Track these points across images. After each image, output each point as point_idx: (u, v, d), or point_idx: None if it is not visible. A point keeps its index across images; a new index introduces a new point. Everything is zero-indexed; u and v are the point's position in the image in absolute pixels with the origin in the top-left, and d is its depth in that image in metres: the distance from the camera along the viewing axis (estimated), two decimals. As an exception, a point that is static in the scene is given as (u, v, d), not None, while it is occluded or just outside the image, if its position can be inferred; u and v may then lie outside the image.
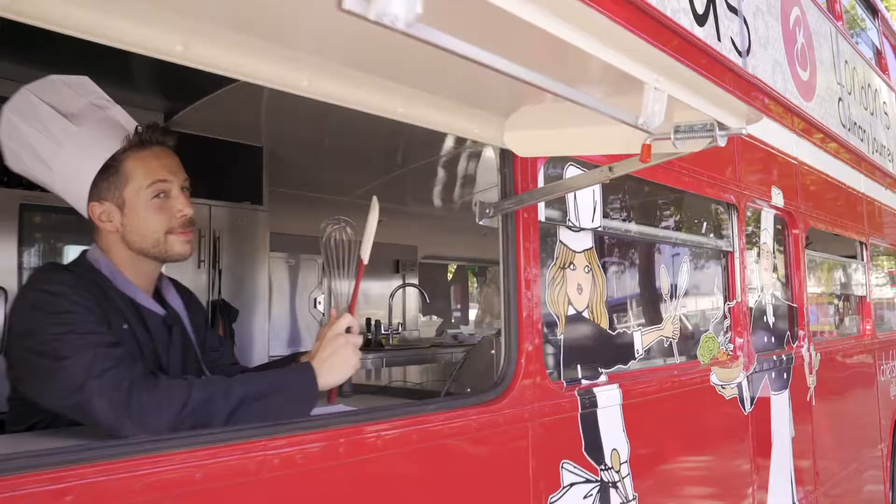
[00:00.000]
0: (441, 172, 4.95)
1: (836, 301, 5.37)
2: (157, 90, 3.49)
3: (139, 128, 1.60)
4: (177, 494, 1.21)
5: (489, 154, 4.25)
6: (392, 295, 5.71)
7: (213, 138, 3.75)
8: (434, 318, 6.36)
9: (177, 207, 1.62)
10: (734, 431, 3.07)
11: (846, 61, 5.12)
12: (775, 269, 3.83)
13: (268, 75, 1.32)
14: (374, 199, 1.69)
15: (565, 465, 2.06)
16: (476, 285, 7.90)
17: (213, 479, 1.25)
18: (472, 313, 7.81)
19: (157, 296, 1.71)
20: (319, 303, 4.46)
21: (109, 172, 1.56)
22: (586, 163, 2.22)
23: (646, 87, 1.07)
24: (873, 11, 6.32)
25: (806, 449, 3.74)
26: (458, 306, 7.60)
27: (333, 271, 1.70)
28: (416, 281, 5.97)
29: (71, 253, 3.02)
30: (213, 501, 1.26)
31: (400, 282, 5.83)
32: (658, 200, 3.09)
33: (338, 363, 1.57)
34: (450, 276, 7.39)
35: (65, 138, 1.53)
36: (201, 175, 3.76)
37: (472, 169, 4.81)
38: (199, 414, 1.36)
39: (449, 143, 4.20)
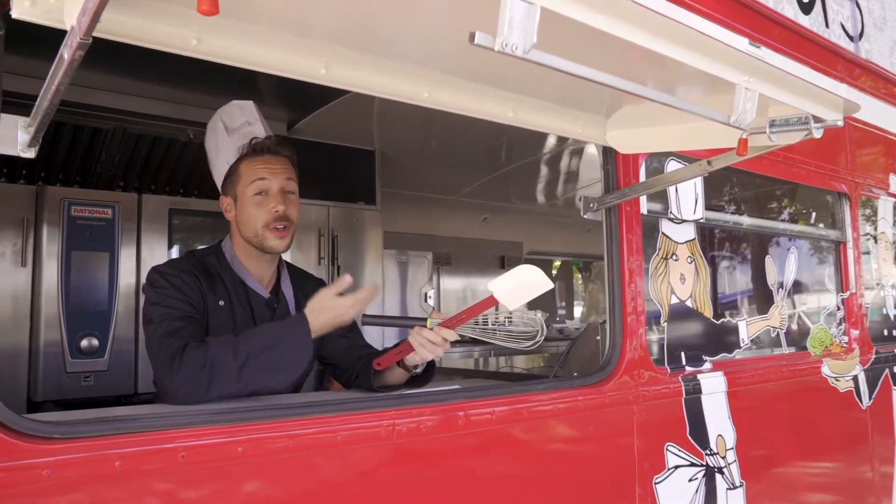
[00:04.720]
0: (544, 169, 5.04)
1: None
2: (280, 102, 3.81)
3: (254, 139, 1.86)
4: (319, 453, 1.42)
5: (592, 150, 4.31)
6: (498, 289, 5.84)
7: (330, 144, 4.03)
8: (539, 312, 6.45)
9: (271, 204, 1.82)
10: (850, 425, 3.02)
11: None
12: (896, 259, 3.69)
13: (395, 90, 1.51)
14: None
15: (670, 448, 2.14)
16: (581, 280, 7.91)
17: (349, 442, 1.45)
18: (577, 308, 7.82)
19: (276, 282, 1.95)
20: (430, 297, 4.66)
21: (231, 172, 1.87)
22: (688, 157, 2.29)
23: (737, 87, 1.17)
24: None
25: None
26: (563, 301, 7.64)
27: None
28: (521, 277, 6.06)
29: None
30: (349, 458, 1.46)
31: (506, 277, 5.96)
32: (764, 191, 3.08)
33: (325, 310, 1.64)
34: (554, 271, 7.44)
35: (221, 145, 1.90)
36: (319, 178, 4.04)
37: (576, 165, 4.87)
38: (216, 371, 1.51)
39: (551, 141, 4.29)
